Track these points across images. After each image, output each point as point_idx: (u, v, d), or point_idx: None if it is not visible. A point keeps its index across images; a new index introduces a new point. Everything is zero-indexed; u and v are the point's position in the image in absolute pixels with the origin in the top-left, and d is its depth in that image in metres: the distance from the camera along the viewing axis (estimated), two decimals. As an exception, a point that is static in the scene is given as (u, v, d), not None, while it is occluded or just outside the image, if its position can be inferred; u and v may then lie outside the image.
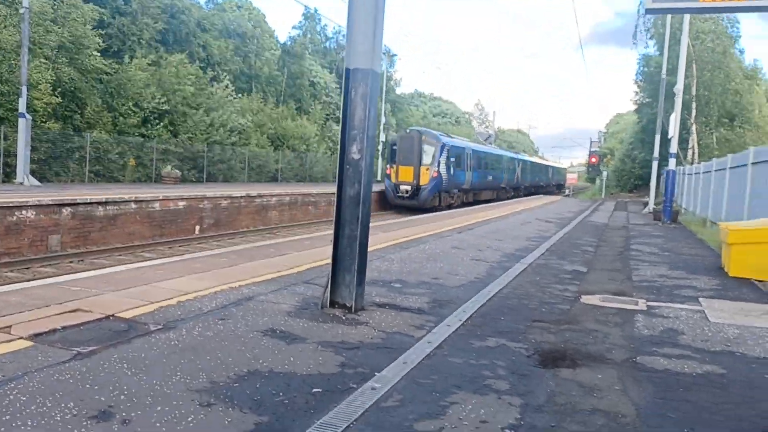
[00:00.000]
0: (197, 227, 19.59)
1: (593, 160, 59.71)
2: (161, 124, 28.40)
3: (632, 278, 8.75)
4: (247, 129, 34.73)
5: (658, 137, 28.59)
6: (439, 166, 30.33)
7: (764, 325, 5.94)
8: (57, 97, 23.47)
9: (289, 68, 46.42)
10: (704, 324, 5.94)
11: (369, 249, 5.93)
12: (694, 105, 38.11)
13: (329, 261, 5.67)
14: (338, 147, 5.73)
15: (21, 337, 4.29)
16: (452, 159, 32.07)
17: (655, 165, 29.25)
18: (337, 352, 4.40)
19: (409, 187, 29.89)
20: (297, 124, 41.27)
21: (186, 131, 30.10)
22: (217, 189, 23.06)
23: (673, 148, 23.00)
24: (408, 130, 33.06)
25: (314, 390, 3.65)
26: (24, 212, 13.35)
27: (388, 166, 31.83)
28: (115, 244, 15.28)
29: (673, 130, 23.14)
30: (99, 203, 15.24)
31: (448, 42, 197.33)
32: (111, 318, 4.90)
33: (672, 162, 22.70)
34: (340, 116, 5.69)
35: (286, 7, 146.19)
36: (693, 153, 37.85)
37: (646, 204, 29.63)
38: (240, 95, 36.96)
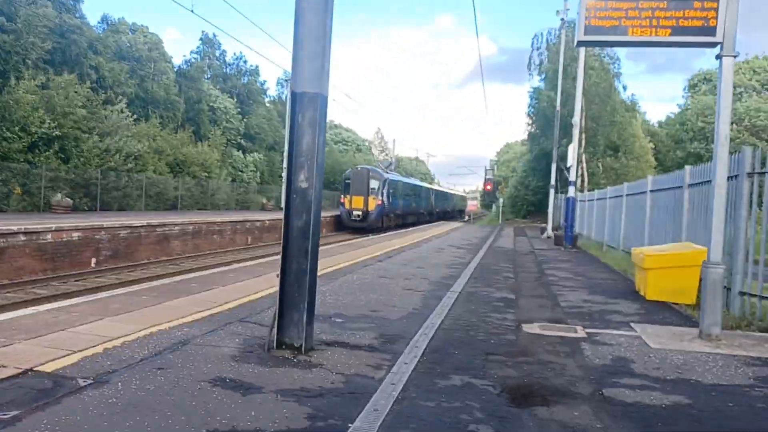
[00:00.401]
0: (93, 260, 18.17)
1: (488, 187, 62.04)
2: (51, 150, 26.29)
3: (560, 304, 8.88)
4: (145, 155, 32.93)
5: (554, 166, 29.90)
6: (382, 196, 38.07)
7: (701, 350, 6.12)
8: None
9: (186, 93, 44.84)
10: (648, 351, 6.03)
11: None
12: (583, 136, 40.48)
13: (260, 295, 5.26)
14: (284, 175, 5.37)
15: None
16: (391, 190, 40.14)
17: (551, 192, 30.57)
18: (300, 402, 3.99)
19: (360, 213, 37.37)
20: (198, 150, 39.76)
21: (79, 156, 28.07)
22: (112, 218, 21.57)
23: (572, 176, 24.15)
24: (359, 168, 40.56)
25: (289, 449, 3.25)
26: None
27: (342, 195, 38.69)
28: (2, 280, 13.80)
29: (572, 160, 24.33)
30: (-18, 236, 13.76)
31: (349, 70, 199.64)
32: (30, 373, 4.22)
33: (571, 190, 23.84)
34: (286, 142, 5.34)
35: (185, 32, 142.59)
36: (582, 180, 40.11)
37: (543, 229, 30.87)
38: (136, 119, 35.04)
